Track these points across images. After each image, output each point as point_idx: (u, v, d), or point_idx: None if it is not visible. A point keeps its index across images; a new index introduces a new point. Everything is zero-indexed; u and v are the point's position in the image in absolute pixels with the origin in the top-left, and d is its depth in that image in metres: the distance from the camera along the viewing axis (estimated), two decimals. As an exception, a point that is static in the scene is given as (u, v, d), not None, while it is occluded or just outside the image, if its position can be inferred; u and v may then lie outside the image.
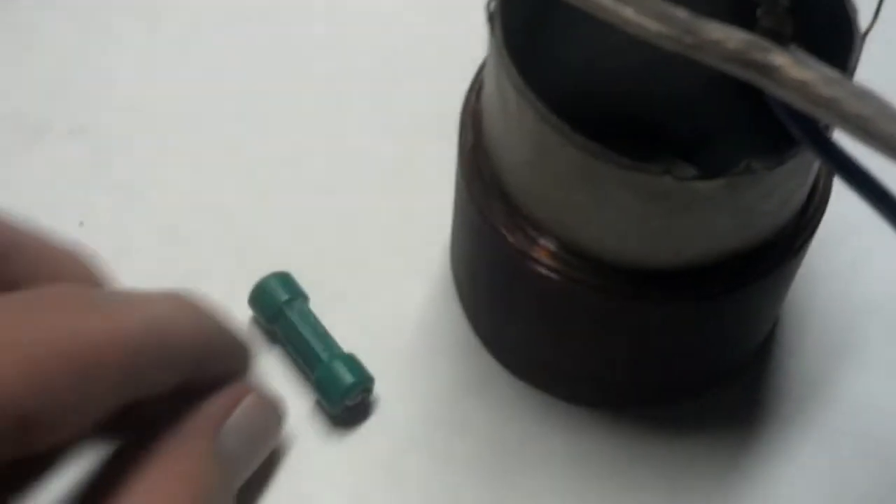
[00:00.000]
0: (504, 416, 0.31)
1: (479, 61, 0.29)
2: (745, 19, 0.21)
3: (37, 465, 0.23)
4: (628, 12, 0.20)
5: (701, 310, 0.26)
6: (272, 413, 0.28)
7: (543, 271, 0.26)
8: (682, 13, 0.19)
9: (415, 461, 0.31)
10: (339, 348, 0.31)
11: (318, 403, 0.31)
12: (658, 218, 0.23)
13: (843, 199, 0.24)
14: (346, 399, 0.30)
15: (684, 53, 0.20)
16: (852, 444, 0.31)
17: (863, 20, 0.24)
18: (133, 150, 0.36)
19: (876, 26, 0.24)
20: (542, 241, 0.26)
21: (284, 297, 0.32)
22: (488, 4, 0.23)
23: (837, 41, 0.24)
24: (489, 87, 0.25)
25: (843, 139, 0.20)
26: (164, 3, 0.40)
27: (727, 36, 0.20)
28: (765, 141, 0.30)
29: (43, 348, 0.20)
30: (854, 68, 0.24)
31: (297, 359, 0.31)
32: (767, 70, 0.19)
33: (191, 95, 0.37)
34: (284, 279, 0.32)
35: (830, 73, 0.19)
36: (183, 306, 0.25)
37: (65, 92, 0.37)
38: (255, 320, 0.32)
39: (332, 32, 0.39)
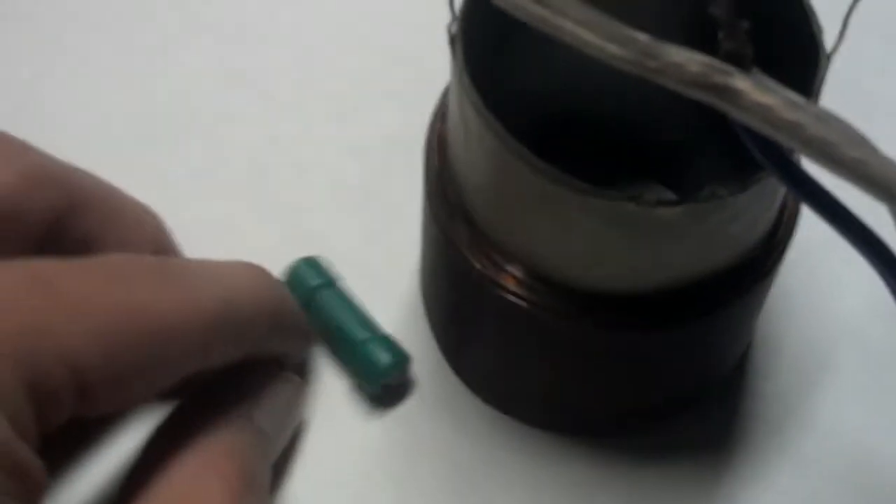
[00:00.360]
0: (470, 440, 0.31)
1: (446, 84, 0.29)
2: (706, 42, 0.20)
3: (94, 429, 0.24)
4: (588, 35, 0.20)
5: (669, 336, 0.26)
6: (300, 390, 0.28)
7: (509, 297, 0.25)
8: (642, 36, 0.19)
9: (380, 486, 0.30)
10: (377, 329, 0.31)
11: (357, 385, 0.31)
12: (621, 244, 0.23)
13: (814, 218, 0.24)
14: (386, 380, 0.30)
15: (645, 77, 0.19)
16: (828, 469, 0.30)
17: (827, 40, 0.24)
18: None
19: (841, 45, 0.24)
20: (508, 267, 0.26)
21: (316, 281, 0.31)
22: (450, 26, 0.23)
23: (802, 62, 0.24)
24: (453, 110, 0.25)
25: (808, 164, 0.19)
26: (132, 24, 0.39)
27: (688, 59, 0.19)
28: (738, 161, 0.30)
29: (114, 319, 0.20)
30: (819, 89, 0.24)
31: (336, 341, 0.31)
32: (729, 94, 0.19)
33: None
34: (314, 263, 0.32)
35: (793, 96, 0.19)
36: (260, 280, 0.26)
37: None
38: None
39: (297, 53, 0.39)
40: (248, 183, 0.35)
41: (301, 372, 0.31)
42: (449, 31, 0.23)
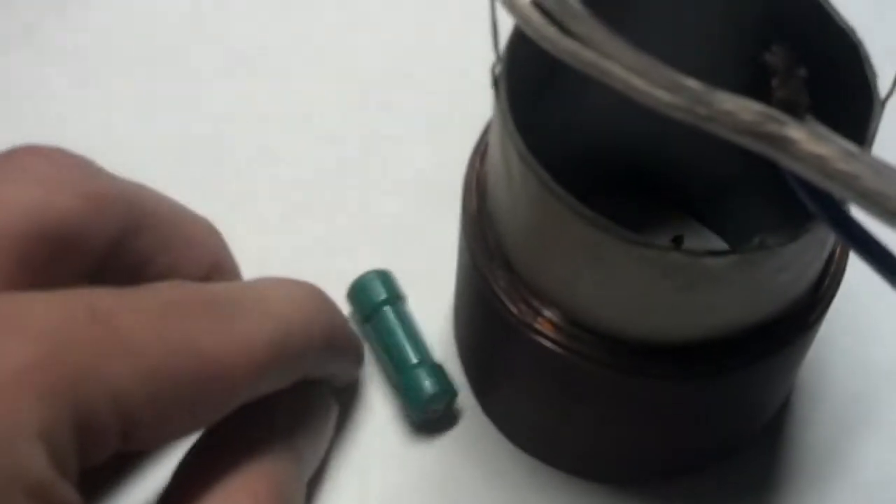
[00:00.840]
0: (503, 487, 0.30)
1: (485, 120, 0.28)
2: (759, 89, 0.20)
3: (133, 459, 0.24)
4: (637, 81, 0.19)
5: (710, 386, 0.25)
6: (335, 411, 0.28)
7: (546, 343, 0.25)
8: (693, 83, 0.19)
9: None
10: (429, 355, 0.31)
11: (402, 409, 0.31)
12: (665, 293, 0.22)
13: (859, 264, 0.23)
14: (428, 409, 0.30)
15: (696, 124, 0.19)
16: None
17: (882, 85, 0.24)
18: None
19: (896, 91, 0.23)
20: (546, 313, 0.25)
21: (383, 295, 0.31)
22: (493, 67, 0.23)
23: (855, 108, 0.23)
24: (493, 151, 0.25)
25: (861, 214, 0.19)
26: (163, 57, 0.39)
27: (741, 107, 0.19)
28: (781, 199, 0.29)
29: (166, 360, 0.20)
30: (873, 136, 0.23)
31: (386, 360, 0.31)
32: (782, 144, 0.19)
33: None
34: (385, 277, 0.32)
35: (848, 146, 0.18)
36: (315, 304, 0.25)
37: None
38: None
39: (334, 89, 0.39)
40: (280, 220, 0.35)
41: (347, 390, 0.31)
42: (493, 73, 0.23)
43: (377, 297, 0.31)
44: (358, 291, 0.32)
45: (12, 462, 0.17)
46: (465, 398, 0.32)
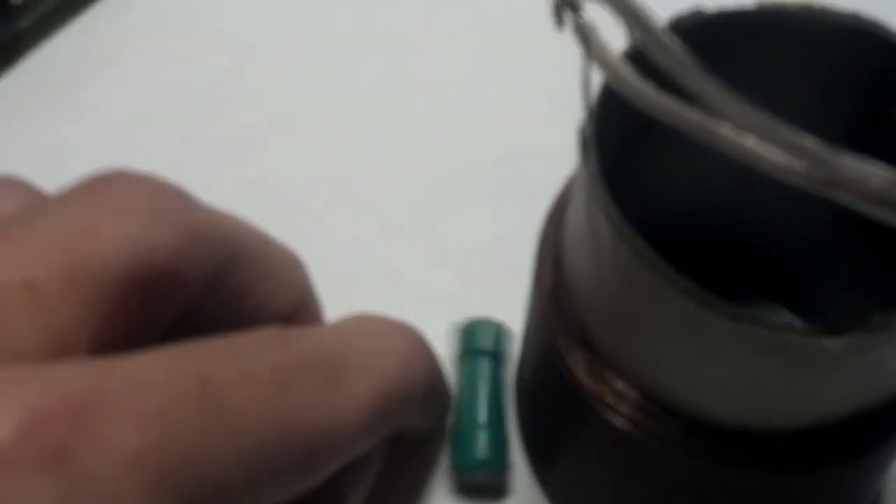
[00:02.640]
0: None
1: (548, 188, 0.27)
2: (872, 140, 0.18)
3: None
4: (752, 144, 0.17)
5: (811, 479, 0.23)
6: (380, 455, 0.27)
7: (622, 423, 0.23)
8: (815, 145, 0.17)
9: None
10: (501, 424, 0.29)
11: (452, 467, 0.30)
12: (769, 375, 0.20)
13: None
14: (470, 472, 0.29)
15: (814, 191, 0.17)
16: None
17: None
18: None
19: None
20: (625, 391, 0.23)
21: (489, 346, 0.30)
22: (583, 129, 0.21)
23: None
24: (574, 219, 0.23)
25: None
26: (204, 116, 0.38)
27: (868, 173, 0.17)
28: (865, 276, 0.27)
29: (271, 437, 0.19)
30: None
31: (457, 410, 0.30)
32: (916, 213, 0.17)
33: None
34: (502, 333, 0.31)
35: None
36: (417, 356, 0.25)
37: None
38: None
39: (386, 152, 0.37)
40: (328, 288, 0.34)
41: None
42: (581, 134, 0.21)
43: (483, 346, 0.30)
44: (469, 331, 0.31)
45: None
46: (521, 475, 0.30)
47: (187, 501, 0.17)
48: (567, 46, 0.21)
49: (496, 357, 0.30)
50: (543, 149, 0.36)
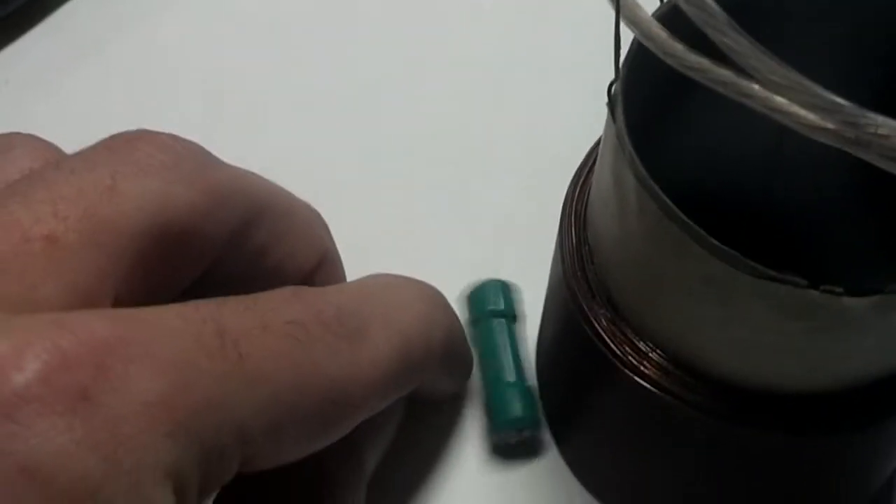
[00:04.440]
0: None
1: (568, 158, 0.27)
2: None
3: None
4: (781, 101, 0.17)
5: (832, 443, 0.23)
6: (399, 412, 0.28)
7: (651, 388, 0.23)
8: (846, 104, 0.17)
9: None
10: (525, 379, 0.29)
11: (487, 427, 0.30)
12: (794, 337, 0.20)
13: None
14: (508, 431, 0.29)
15: (844, 148, 0.17)
16: None
17: None
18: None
19: None
20: (653, 355, 0.23)
21: (500, 306, 0.30)
22: (611, 86, 0.21)
23: None
24: (601, 179, 0.23)
25: None
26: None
27: (897, 131, 0.17)
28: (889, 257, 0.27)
29: (290, 388, 0.19)
30: None
31: (482, 372, 0.30)
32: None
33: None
34: (508, 291, 0.31)
35: None
36: (436, 314, 0.25)
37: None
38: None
39: (408, 126, 0.37)
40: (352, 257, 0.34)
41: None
42: (610, 92, 0.21)
43: (494, 306, 0.30)
44: (477, 295, 0.31)
45: (141, 501, 0.16)
46: (550, 438, 0.30)
47: (206, 446, 0.17)
48: (596, 14, 0.21)
49: (507, 315, 0.30)
50: (569, 123, 0.36)
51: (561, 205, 0.26)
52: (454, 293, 0.32)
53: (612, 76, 0.21)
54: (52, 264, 0.19)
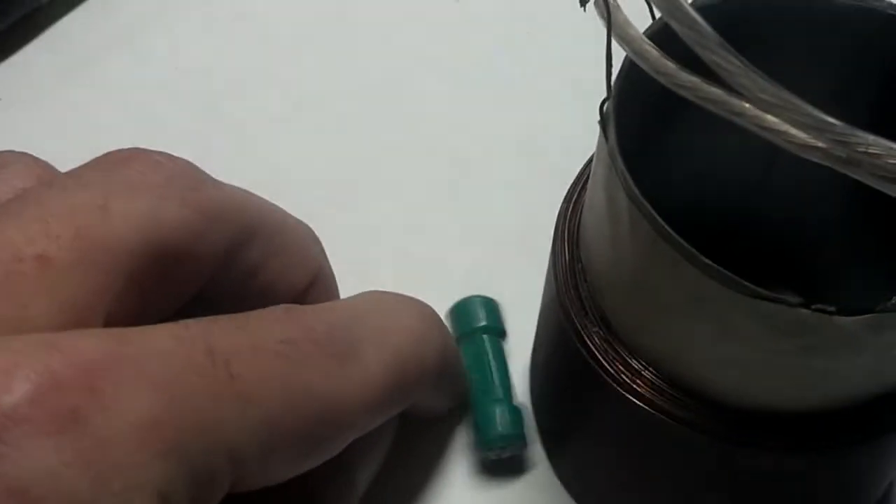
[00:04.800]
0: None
1: (563, 173, 0.27)
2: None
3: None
4: (772, 120, 0.17)
5: (824, 462, 0.23)
6: (391, 431, 0.28)
7: (643, 406, 0.23)
8: (836, 122, 0.17)
9: None
10: (512, 396, 0.29)
11: (473, 443, 0.30)
12: (786, 355, 0.20)
13: None
14: (493, 448, 0.29)
15: (835, 167, 0.17)
16: None
17: None
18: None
19: None
20: (644, 372, 0.23)
21: (483, 322, 0.30)
22: (603, 104, 0.21)
23: None
24: (594, 196, 0.23)
25: None
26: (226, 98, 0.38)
27: (888, 151, 0.17)
28: (886, 272, 0.27)
29: (282, 409, 0.19)
30: None
31: (469, 388, 0.30)
32: (936, 192, 0.17)
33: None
34: (490, 306, 0.31)
35: None
36: (429, 333, 0.25)
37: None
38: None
39: (404, 138, 0.37)
40: (347, 267, 0.34)
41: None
42: (601, 110, 0.21)
43: (476, 323, 0.30)
44: (460, 312, 0.31)
45: None
46: (538, 452, 0.30)
47: (197, 467, 0.17)
48: (590, 31, 0.21)
49: (491, 331, 0.30)
50: (565, 134, 0.36)
51: (554, 221, 0.26)
52: (446, 310, 0.32)
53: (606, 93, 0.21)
54: (43, 284, 0.19)
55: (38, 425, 0.16)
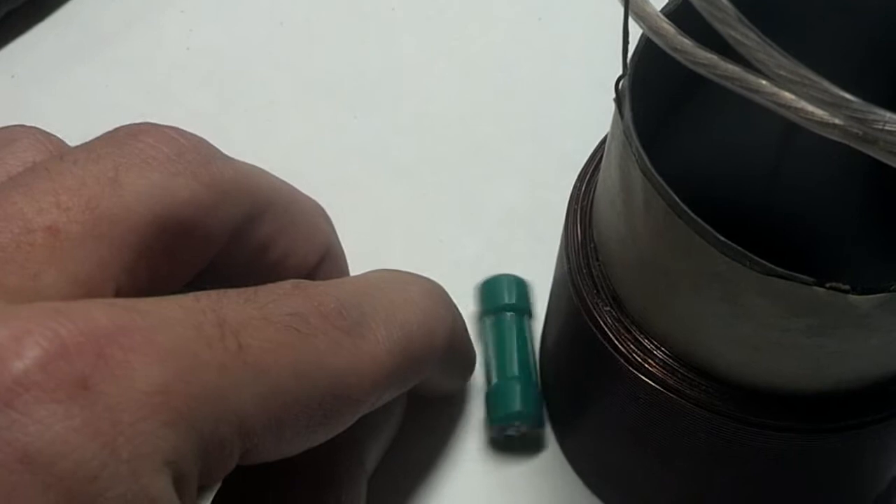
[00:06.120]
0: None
1: (574, 156, 0.27)
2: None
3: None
4: (789, 97, 0.17)
5: (835, 443, 0.23)
6: (401, 408, 0.28)
7: (656, 386, 0.23)
8: (854, 99, 0.17)
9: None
10: (530, 375, 0.30)
11: (486, 420, 0.30)
12: (799, 335, 0.20)
13: None
14: (506, 425, 0.29)
15: (851, 145, 0.17)
16: None
17: None
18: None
19: None
20: (656, 352, 0.23)
21: (511, 300, 0.30)
22: (618, 82, 0.21)
23: None
24: (607, 176, 0.23)
25: None
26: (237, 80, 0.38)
27: (906, 127, 0.17)
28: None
29: (290, 380, 0.19)
30: None
31: (487, 364, 0.30)
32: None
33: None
34: (521, 286, 0.31)
35: None
36: (438, 311, 0.25)
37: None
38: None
39: (415, 122, 0.37)
40: (357, 250, 0.34)
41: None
42: (617, 87, 0.21)
43: (504, 300, 0.30)
44: (489, 288, 0.31)
45: (139, 490, 0.16)
46: (547, 432, 0.30)
47: (205, 436, 0.17)
48: (604, 13, 0.21)
49: (518, 310, 0.30)
50: (576, 120, 0.36)
51: (564, 204, 0.26)
52: (459, 289, 0.32)
53: (620, 71, 0.21)
54: (53, 255, 0.19)
55: (48, 392, 0.16)
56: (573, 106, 0.37)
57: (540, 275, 0.30)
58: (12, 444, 0.15)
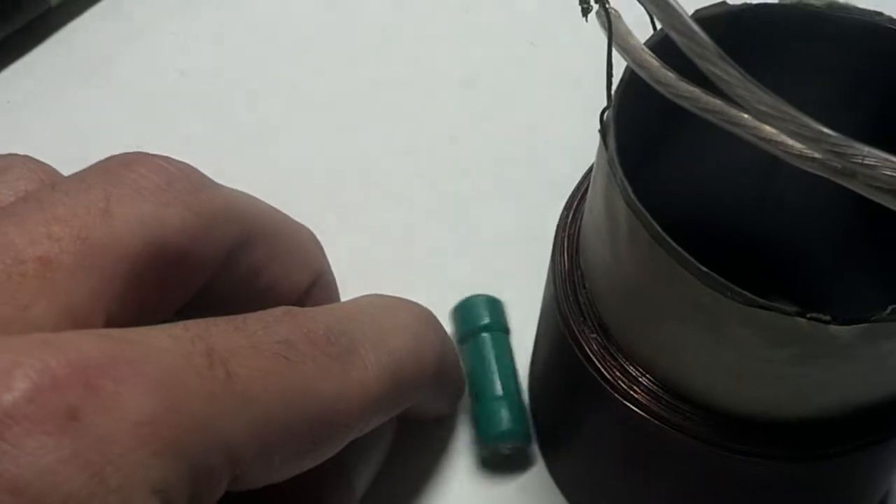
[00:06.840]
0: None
1: (564, 181, 0.27)
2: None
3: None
4: (770, 131, 0.18)
5: (819, 470, 0.23)
6: (390, 433, 0.28)
7: (640, 412, 0.23)
8: (833, 133, 0.17)
9: None
10: (516, 393, 0.30)
11: (474, 440, 0.30)
12: (782, 364, 0.20)
13: None
14: (497, 445, 0.29)
15: (830, 178, 0.17)
16: None
17: None
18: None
19: None
20: (641, 379, 0.23)
21: (485, 320, 0.30)
22: (603, 113, 0.21)
23: None
24: (593, 205, 0.23)
25: None
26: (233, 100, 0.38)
27: (882, 161, 0.17)
28: (883, 284, 0.27)
29: (279, 408, 0.19)
30: None
31: (471, 385, 0.30)
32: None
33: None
34: (493, 305, 0.31)
35: None
36: (430, 336, 0.25)
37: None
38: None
39: (407, 145, 0.38)
40: (348, 273, 0.34)
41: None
42: (602, 119, 0.21)
43: (479, 322, 0.30)
44: (462, 311, 0.31)
45: None
46: (534, 452, 0.30)
47: (195, 465, 0.17)
48: (592, 40, 0.22)
49: (494, 329, 0.30)
50: (567, 144, 0.36)
51: (553, 229, 0.27)
52: (449, 312, 0.32)
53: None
54: (44, 285, 0.19)
55: (37, 423, 0.16)
56: (565, 130, 0.37)
57: (528, 295, 0.30)
58: (3, 475, 0.16)
